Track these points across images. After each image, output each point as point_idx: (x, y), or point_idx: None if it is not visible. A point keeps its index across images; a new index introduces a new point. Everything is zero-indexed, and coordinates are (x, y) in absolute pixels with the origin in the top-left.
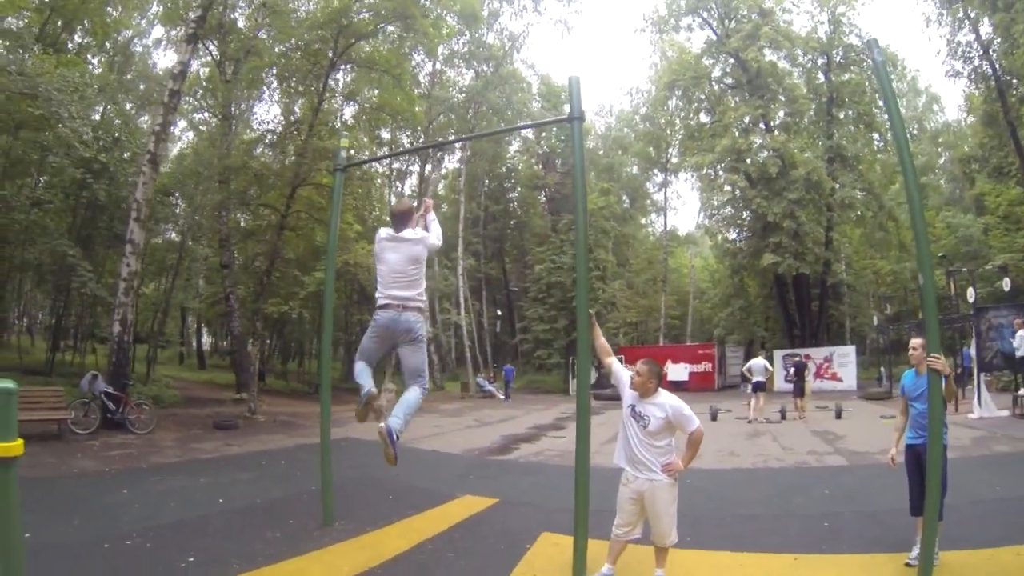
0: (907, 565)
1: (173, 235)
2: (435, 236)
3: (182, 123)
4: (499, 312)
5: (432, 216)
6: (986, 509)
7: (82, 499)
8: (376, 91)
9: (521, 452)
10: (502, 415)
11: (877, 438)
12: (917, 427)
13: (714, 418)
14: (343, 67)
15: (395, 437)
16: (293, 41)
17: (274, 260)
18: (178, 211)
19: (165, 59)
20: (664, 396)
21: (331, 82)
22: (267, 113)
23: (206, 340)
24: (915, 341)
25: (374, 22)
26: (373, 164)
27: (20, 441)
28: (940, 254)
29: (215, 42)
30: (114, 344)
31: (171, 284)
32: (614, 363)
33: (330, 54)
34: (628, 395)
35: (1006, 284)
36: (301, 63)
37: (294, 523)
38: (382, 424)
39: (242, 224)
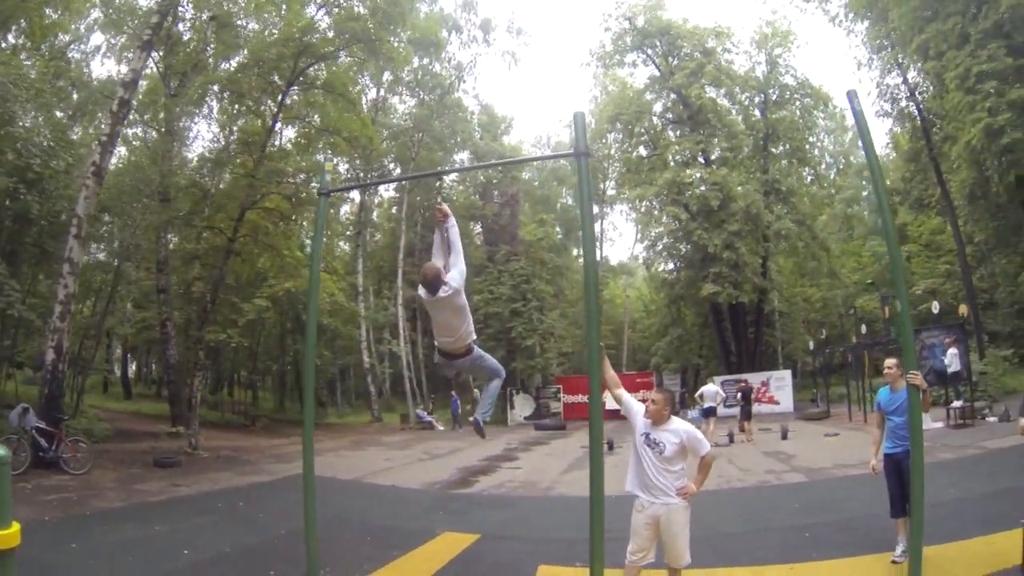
0: (893, 562)
1: (101, 255)
2: (457, 270)
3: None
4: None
5: (452, 223)
6: (948, 509)
7: (23, 555)
8: (318, 115)
9: (483, 485)
10: (449, 447)
11: (827, 455)
12: (895, 438)
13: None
14: (291, 89)
15: (481, 424)
16: (245, 55)
17: (219, 286)
18: (110, 230)
19: (102, 68)
20: (677, 422)
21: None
22: (208, 131)
23: (130, 367)
24: (890, 361)
25: (338, 43)
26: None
27: (16, 527)
28: (868, 280)
29: (160, 53)
30: (47, 374)
31: (105, 308)
32: (624, 394)
33: (274, 77)
34: (640, 423)
35: (935, 307)
36: (256, 81)
37: (274, 574)
38: (471, 418)
39: (181, 246)
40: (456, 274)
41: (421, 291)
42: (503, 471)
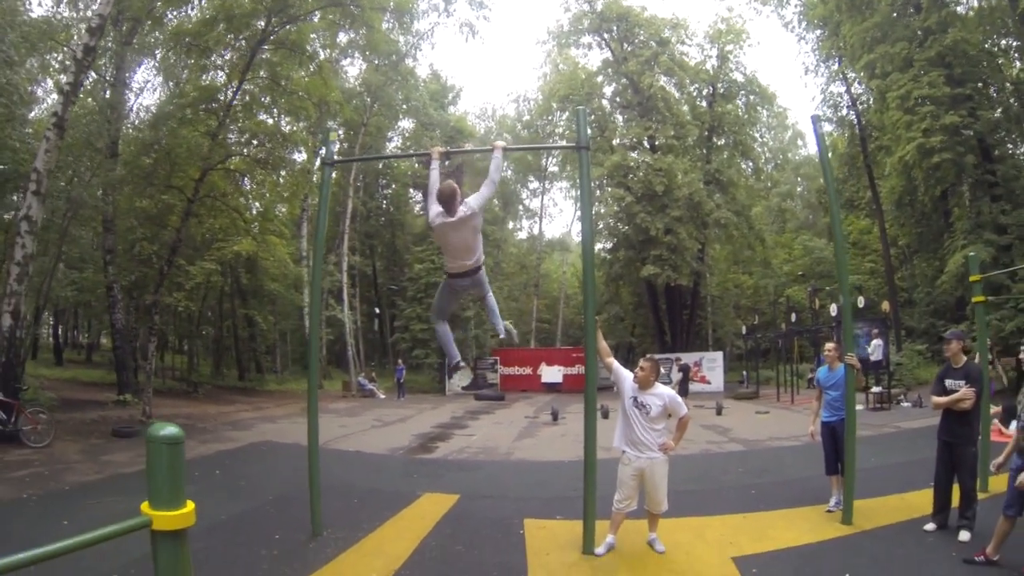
0: (828, 511)
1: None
2: (480, 194)
3: (48, 83)
4: (377, 310)
5: (497, 154)
6: (870, 474)
7: (20, 536)
8: (283, 76)
9: (443, 451)
10: (397, 415)
11: (760, 429)
12: (831, 408)
13: (605, 416)
14: (261, 47)
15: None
16: (202, 6)
17: (177, 247)
18: (54, 185)
19: (39, 8)
20: (661, 388)
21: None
22: (155, 83)
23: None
24: (828, 345)
25: (313, 5)
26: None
27: (191, 506)
28: (799, 272)
29: None
30: (4, 341)
31: (52, 269)
32: (614, 363)
33: (243, 34)
34: (629, 388)
35: (860, 301)
36: (221, 36)
37: (280, 537)
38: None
39: (131, 204)
40: (477, 196)
41: (435, 213)
42: (458, 438)
